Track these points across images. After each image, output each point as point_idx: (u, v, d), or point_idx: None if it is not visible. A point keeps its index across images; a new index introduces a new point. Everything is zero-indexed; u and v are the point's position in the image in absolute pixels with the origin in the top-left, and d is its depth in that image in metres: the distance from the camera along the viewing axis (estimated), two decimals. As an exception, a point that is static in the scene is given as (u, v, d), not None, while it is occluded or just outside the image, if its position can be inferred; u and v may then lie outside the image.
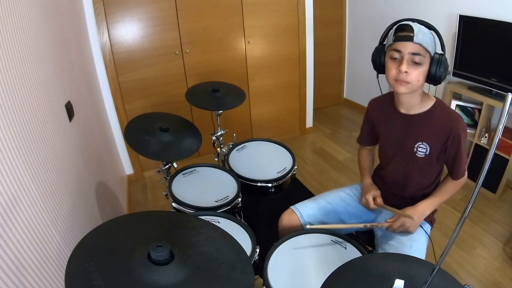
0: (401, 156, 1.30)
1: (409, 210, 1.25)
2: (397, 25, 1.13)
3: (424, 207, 1.26)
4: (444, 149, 1.21)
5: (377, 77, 1.27)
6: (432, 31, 1.12)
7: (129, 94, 2.70)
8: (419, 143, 1.23)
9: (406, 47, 1.09)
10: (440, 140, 1.20)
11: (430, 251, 1.30)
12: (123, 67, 2.59)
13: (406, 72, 1.10)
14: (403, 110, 1.26)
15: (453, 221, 2.29)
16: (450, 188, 1.30)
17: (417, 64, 1.10)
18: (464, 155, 1.23)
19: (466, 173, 1.28)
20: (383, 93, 1.37)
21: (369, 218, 1.45)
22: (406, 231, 1.25)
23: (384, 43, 1.22)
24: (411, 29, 1.08)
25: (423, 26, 1.10)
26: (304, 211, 1.40)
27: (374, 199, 1.37)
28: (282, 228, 1.41)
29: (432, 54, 1.11)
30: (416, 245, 1.23)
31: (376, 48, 1.22)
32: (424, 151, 1.23)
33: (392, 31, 1.15)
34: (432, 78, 1.12)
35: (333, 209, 1.43)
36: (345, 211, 1.44)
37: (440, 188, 1.31)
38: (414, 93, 1.18)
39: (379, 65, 1.21)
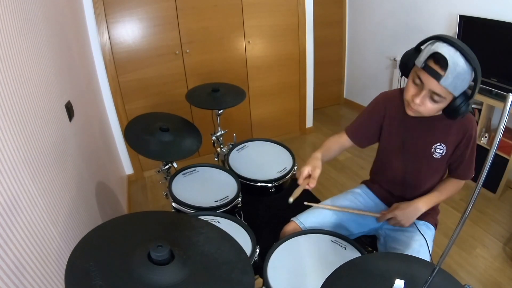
0: (415, 157, 1.26)
1: (403, 205, 1.25)
2: (435, 51, 0.97)
3: (420, 204, 1.24)
4: (456, 150, 1.21)
5: (400, 76, 1.26)
6: (471, 67, 0.96)
7: (129, 94, 2.70)
8: (436, 144, 1.21)
9: (430, 84, 1.00)
10: (455, 140, 1.20)
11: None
12: (123, 67, 2.60)
13: (416, 103, 1.06)
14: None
15: (453, 221, 2.29)
16: (451, 188, 1.29)
17: (434, 101, 1.04)
18: (474, 156, 1.23)
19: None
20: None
21: (375, 225, 1.41)
22: (398, 225, 1.25)
23: (422, 47, 1.07)
24: (445, 65, 0.95)
25: (463, 61, 0.95)
26: (309, 224, 1.35)
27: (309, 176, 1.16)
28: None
29: (456, 96, 1.01)
30: (423, 249, 1.21)
31: (408, 53, 1.11)
32: (441, 152, 1.22)
33: (428, 50, 1.00)
34: (449, 112, 1.06)
35: (339, 219, 1.39)
36: (350, 219, 1.39)
37: (440, 186, 1.29)
38: None
39: (405, 70, 1.13)
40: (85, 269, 0.67)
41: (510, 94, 0.56)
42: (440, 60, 0.96)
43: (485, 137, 2.54)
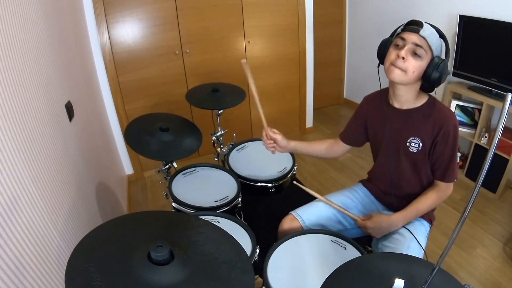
0: (395, 151, 1.29)
1: (378, 218, 1.27)
2: (411, 20, 1.16)
3: (396, 219, 1.26)
4: (434, 145, 1.20)
5: (378, 67, 1.27)
6: (441, 39, 1.14)
7: (129, 94, 2.70)
8: (411, 138, 1.23)
9: (411, 37, 1.11)
10: (431, 135, 1.19)
11: (427, 251, 1.29)
12: (123, 67, 2.60)
13: (403, 58, 1.11)
14: (396, 105, 1.26)
15: (453, 221, 2.29)
16: (430, 199, 1.27)
17: (417, 56, 1.11)
18: (454, 156, 1.20)
19: (451, 185, 1.25)
20: (381, 85, 1.35)
21: None
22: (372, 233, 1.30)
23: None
24: (421, 24, 1.12)
25: (434, 29, 1.13)
26: (306, 217, 1.38)
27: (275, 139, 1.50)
28: (283, 234, 1.38)
29: (434, 55, 1.12)
30: (413, 245, 1.22)
31: (385, 39, 1.24)
32: (417, 146, 1.22)
33: (403, 26, 1.18)
34: (427, 79, 1.12)
35: (334, 213, 1.41)
36: (345, 215, 1.42)
37: (419, 198, 1.28)
38: (410, 88, 1.19)
39: (383, 55, 1.22)
40: (85, 269, 0.67)
41: (509, 93, 0.56)
42: (416, 21, 1.14)
43: (485, 137, 2.54)
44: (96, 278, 0.66)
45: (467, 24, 2.50)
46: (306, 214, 1.39)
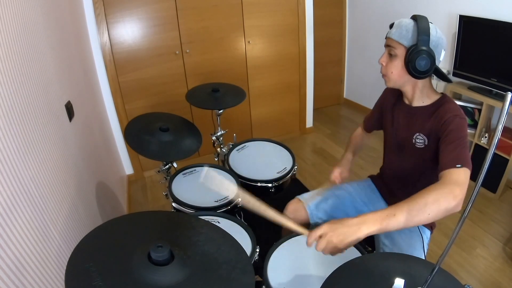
0: (403, 146, 1.30)
1: (338, 220, 0.90)
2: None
3: (368, 218, 0.88)
4: (439, 139, 1.12)
5: None
6: (416, 24, 1.10)
7: (129, 94, 2.70)
8: (416, 134, 1.23)
9: (387, 42, 1.18)
10: (434, 128, 1.15)
11: (429, 253, 1.29)
12: (123, 67, 2.60)
13: (382, 64, 1.19)
14: (406, 101, 1.28)
15: (453, 221, 2.29)
16: (431, 190, 0.91)
17: (391, 56, 1.16)
18: (460, 141, 1.03)
19: (457, 173, 0.96)
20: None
21: None
22: (331, 249, 0.89)
23: None
24: (391, 26, 1.17)
25: (408, 20, 1.13)
26: (312, 202, 1.42)
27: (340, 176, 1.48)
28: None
29: (408, 47, 1.11)
30: (416, 253, 1.22)
31: None
32: (423, 141, 1.22)
33: None
34: (408, 69, 1.11)
35: (341, 203, 1.44)
36: (351, 205, 1.44)
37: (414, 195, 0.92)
38: (412, 86, 1.20)
39: None
40: (85, 269, 0.67)
41: (509, 93, 0.56)
42: (391, 25, 1.18)
43: (485, 137, 2.54)
44: (96, 278, 0.66)
45: (467, 24, 2.50)
46: (312, 200, 1.45)
